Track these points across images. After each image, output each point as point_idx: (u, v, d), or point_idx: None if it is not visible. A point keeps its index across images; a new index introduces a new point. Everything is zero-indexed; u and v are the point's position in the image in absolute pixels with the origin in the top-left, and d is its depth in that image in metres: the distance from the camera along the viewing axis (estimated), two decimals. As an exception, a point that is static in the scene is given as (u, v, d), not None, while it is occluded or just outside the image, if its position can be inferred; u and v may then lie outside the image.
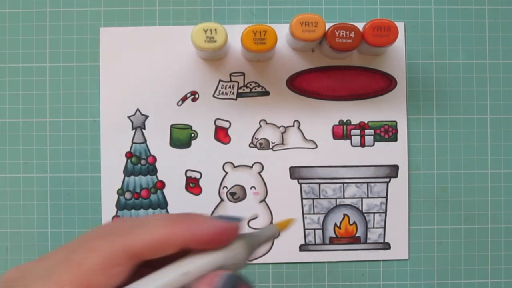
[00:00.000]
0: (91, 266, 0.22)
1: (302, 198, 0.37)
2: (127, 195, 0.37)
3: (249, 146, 0.37)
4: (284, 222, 0.28)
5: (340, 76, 0.37)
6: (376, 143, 0.37)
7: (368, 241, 0.37)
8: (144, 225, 0.24)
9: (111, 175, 0.37)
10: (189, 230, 0.23)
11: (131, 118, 0.37)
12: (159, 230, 0.23)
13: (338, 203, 0.37)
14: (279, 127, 0.37)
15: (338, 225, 0.37)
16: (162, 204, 0.37)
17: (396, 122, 0.37)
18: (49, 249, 0.37)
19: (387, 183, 0.37)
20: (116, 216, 0.37)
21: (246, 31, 0.33)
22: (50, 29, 0.37)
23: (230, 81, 0.37)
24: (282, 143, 0.37)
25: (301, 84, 0.37)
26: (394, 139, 0.37)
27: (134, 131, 0.37)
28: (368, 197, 0.37)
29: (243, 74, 0.37)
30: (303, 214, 0.37)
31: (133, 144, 0.37)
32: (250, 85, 0.37)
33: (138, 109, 0.37)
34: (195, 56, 0.37)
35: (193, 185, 0.37)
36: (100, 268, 0.22)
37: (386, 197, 0.37)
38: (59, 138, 0.37)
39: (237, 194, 0.37)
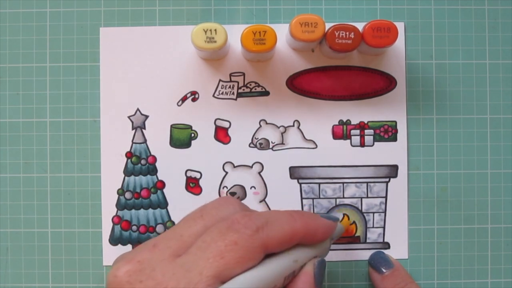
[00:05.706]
0: (232, 259, 0.24)
1: (302, 198, 0.37)
2: (127, 195, 0.37)
3: (249, 146, 0.37)
4: (345, 222, 0.36)
5: (340, 76, 0.37)
6: (375, 143, 0.37)
7: (367, 241, 0.37)
8: (273, 222, 0.26)
9: (111, 175, 0.37)
10: (307, 228, 0.27)
11: (131, 118, 0.37)
12: (286, 227, 0.26)
13: (337, 203, 0.37)
14: (279, 127, 0.37)
15: (338, 225, 0.37)
16: (162, 204, 0.37)
17: (395, 122, 0.37)
18: (49, 249, 0.37)
19: (387, 183, 0.37)
20: (117, 216, 0.37)
21: (245, 32, 0.33)
22: (50, 29, 0.37)
23: (230, 81, 0.37)
24: (282, 143, 0.37)
25: (301, 84, 0.37)
26: (394, 139, 0.37)
27: (134, 131, 0.37)
28: (367, 197, 0.37)
29: (243, 74, 0.37)
30: (303, 214, 0.37)
31: (133, 144, 0.37)
32: (250, 85, 0.37)
33: (138, 109, 0.37)
34: (195, 56, 0.37)
35: (193, 185, 0.37)
36: (241, 261, 0.24)
37: (386, 197, 0.37)
38: (59, 138, 0.37)
39: (237, 194, 0.37)
